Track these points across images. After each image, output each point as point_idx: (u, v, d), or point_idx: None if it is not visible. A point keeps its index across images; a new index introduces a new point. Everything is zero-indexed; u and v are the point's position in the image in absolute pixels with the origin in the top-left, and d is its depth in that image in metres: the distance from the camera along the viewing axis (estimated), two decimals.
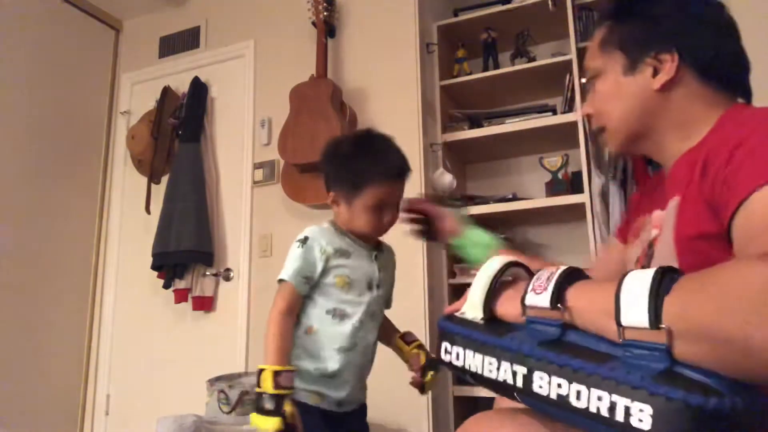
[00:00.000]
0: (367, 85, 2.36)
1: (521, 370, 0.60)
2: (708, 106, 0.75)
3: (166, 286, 2.49)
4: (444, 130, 2.31)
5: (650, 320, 0.50)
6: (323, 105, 2.20)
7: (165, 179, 2.62)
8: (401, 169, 1.22)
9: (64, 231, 2.69)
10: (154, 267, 2.49)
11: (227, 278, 2.50)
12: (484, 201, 2.20)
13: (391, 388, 1.53)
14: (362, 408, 1.30)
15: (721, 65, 0.76)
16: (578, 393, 0.54)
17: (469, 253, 1.15)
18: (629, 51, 0.79)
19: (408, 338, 1.33)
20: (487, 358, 0.65)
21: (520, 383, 0.61)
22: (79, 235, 2.77)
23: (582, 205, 1.95)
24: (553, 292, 0.60)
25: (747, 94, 0.79)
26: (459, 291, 2.13)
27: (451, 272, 2.23)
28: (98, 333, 2.74)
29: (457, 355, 0.69)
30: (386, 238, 1.31)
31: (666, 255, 0.72)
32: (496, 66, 2.33)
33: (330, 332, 1.20)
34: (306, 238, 1.23)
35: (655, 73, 0.76)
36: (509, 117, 2.23)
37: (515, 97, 2.44)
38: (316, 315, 1.22)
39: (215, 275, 2.49)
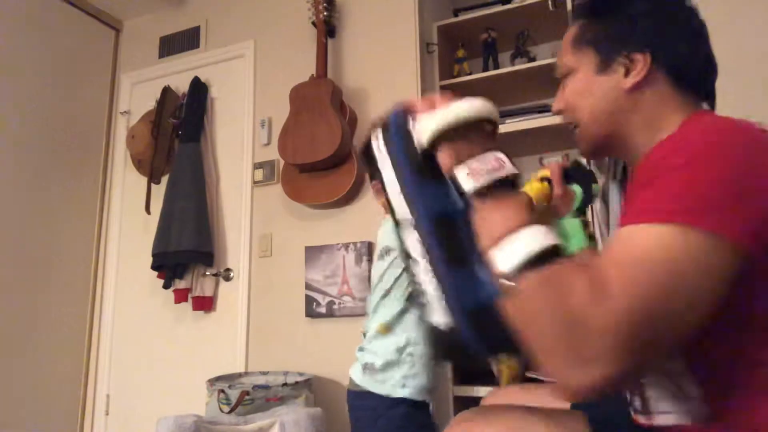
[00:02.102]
0: (367, 85, 2.36)
1: (406, 215, 0.65)
2: (676, 108, 0.75)
3: (166, 286, 2.49)
4: None
5: (509, 272, 0.56)
6: (323, 105, 2.20)
7: (165, 179, 2.62)
8: None
9: (64, 231, 2.69)
10: (154, 267, 2.49)
11: (227, 278, 2.50)
12: None
13: None
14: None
15: (692, 68, 0.76)
16: (421, 267, 0.63)
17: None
18: (602, 49, 0.78)
19: None
20: (395, 180, 0.67)
21: (398, 218, 0.66)
22: (79, 235, 2.77)
23: None
24: (483, 186, 0.60)
25: (712, 98, 0.80)
26: None
27: None
28: (98, 333, 2.74)
29: (380, 159, 0.69)
30: None
31: None
32: (496, 66, 2.33)
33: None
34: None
35: (627, 73, 0.76)
36: (509, 117, 2.23)
37: (515, 97, 2.44)
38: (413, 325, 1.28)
39: (215, 275, 2.49)
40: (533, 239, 0.57)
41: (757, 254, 0.57)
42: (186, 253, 2.41)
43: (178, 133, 2.67)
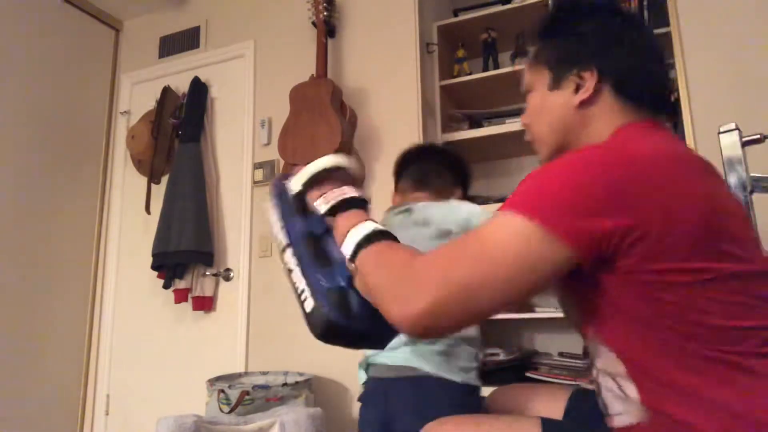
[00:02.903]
0: (367, 85, 2.36)
1: (284, 240, 0.88)
2: (619, 121, 0.79)
3: (166, 286, 2.49)
4: (444, 130, 2.31)
5: (350, 255, 0.76)
6: (323, 105, 2.20)
7: (165, 179, 2.62)
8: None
9: (64, 231, 2.69)
10: (154, 267, 2.49)
11: (227, 278, 2.50)
12: (484, 201, 2.20)
13: None
14: None
15: (636, 83, 0.79)
16: (296, 274, 0.82)
17: None
18: (554, 68, 0.84)
19: None
20: (278, 220, 0.91)
21: (280, 246, 0.88)
22: (79, 235, 2.77)
23: None
24: (333, 206, 0.83)
25: (668, 112, 0.83)
26: None
27: None
28: (98, 333, 2.74)
29: (269, 208, 0.94)
30: None
31: None
32: (496, 66, 2.33)
33: None
34: None
35: (577, 89, 0.81)
36: (509, 117, 2.24)
37: (515, 97, 2.42)
38: None
39: (215, 275, 2.49)
40: (363, 229, 0.77)
41: (597, 265, 0.65)
42: (186, 253, 2.41)
43: (178, 133, 2.67)
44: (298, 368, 2.18)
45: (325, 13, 2.35)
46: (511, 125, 2.17)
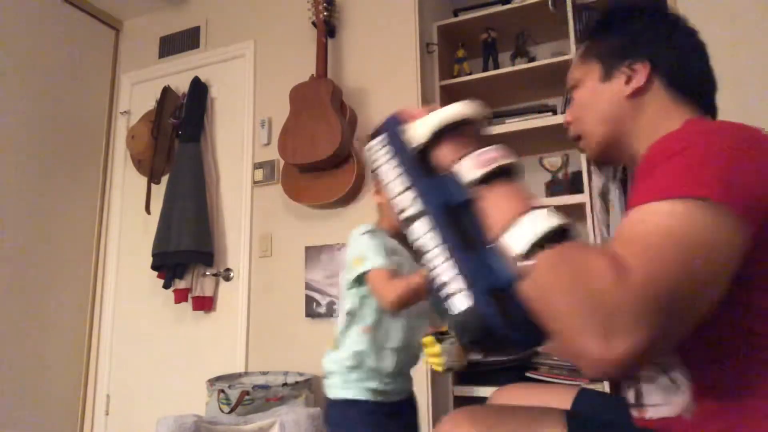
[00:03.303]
0: (367, 85, 2.36)
1: (416, 207, 0.68)
2: (673, 115, 0.79)
3: (166, 286, 2.49)
4: None
5: (522, 252, 0.59)
6: (323, 105, 2.20)
7: (165, 179, 2.62)
8: None
9: (64, 231, 2.69)
10: (154, 267, 2.49)
11: (227, 278, 2.50)
12: None
13: None
14: (412, 396, 1.34)
15: (688, 79, 0.81)
16: (437, 258, 0.64)
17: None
18: (606, 61, 0.85)
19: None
20: (399, 181, 0.71)
21: (407, 215, 0.69)
22: (79, 235, 2.77)
23: (582, 205, 1.95)
24: (487, 173, 0.65)
25: (713, 111, 0.84)
26: None
27: None
28: (98, 333, 2.74)
29: (378, 161, 0.75)
30: None
31: None
32: (496, 66, 2.33)
33: (386, 330, 1.22)
34: (371, 230, 1.25)
35: (629, 81, 0.82)
36: (509, 117, 2.23)
37: (515, 97, 2.44)
38: (373, 313, 1.23)
39: (215, 275, 2.49)
40: (541, 220, 0.59)
41: (754, 236, 0.58)
42: (186, 253, 2.41)
43: (178, 133, 2.67)
44: (298, 368, 2.18)
45: (325, 13, 2.35)
46: (511, 125, 2.16)
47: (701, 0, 1.89)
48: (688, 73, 0.81)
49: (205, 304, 2.47)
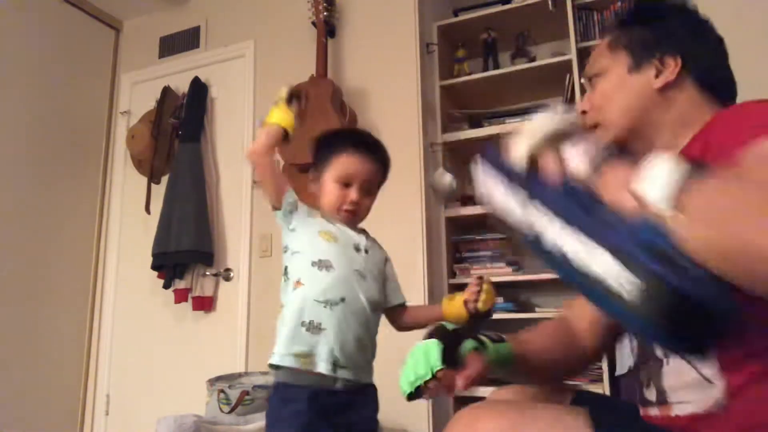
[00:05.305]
0: (367, 85, 2.36)
1: (543, 218, 0.65)
2: (701, 110, 0.80)
3: (166, 286, 2.49)
4: (444, 130, 2.31)
5: (666, 202, 0.54)
6: (323, 105, 2.20)
7: (165, 179, 2.62)
8: (369, 144, 1.26)
9: (64, 231, 2.69)
10: (154, 267, 2.49)
11: (227, 278, 2.50)
12: None
13: (390, 388, 1.53)
14: (367, 391, 1.20)
15: (717, 77, 0.83)
16: (588, 256, 0.58)
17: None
18: (636, 52, 0.85)
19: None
20: (515, 196, 0.70)
21: (537, 229, 0.66)
22: (79, 235, 2.77)
23: None
24: (596, 165, 0.64)
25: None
26: (459, 290, 2.13)
27: (451, 272, 2.23)
28: (98, 333, 2.74)
29: (486, 181, 0.74)
30: (385, 235, 1.30)
31: None
32: (496, 66, 2.33)
33: (316, 283, 1.19)
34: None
35: (658, 74, 0.82)
36: (509, 117, 2.23)
37: (515, 97, 2.43)
38: (302, 268, 1.22)
39: (215, 275, 2.49)
40: (671, 165, 0.56)
41: None
42: (186, 253, 2.41)
43: (178, 133, 2.67)
44: None
45: (325, 13, 2.35)
46: (511, 125, 2.17)
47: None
48: (717, 73, 0.83)
49: (205, 304, 2.47)
